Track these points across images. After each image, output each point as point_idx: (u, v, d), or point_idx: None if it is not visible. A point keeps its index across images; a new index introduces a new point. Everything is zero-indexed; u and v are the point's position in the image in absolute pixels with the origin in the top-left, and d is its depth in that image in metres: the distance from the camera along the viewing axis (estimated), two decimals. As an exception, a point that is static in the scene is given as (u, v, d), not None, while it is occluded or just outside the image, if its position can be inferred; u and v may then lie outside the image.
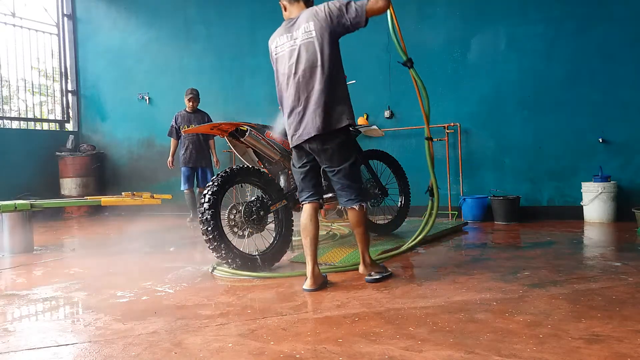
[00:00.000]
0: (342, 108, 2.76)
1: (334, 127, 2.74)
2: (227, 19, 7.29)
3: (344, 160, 2.81)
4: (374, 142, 6.12)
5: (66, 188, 7.62)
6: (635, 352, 1.78)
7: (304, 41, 2.77)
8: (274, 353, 1.90)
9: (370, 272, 2.96)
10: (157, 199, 4.95)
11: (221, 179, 3.26)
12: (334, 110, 2.74)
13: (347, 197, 2.86)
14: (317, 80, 2.74)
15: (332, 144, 2.77)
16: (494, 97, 5.84)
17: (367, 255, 2.97)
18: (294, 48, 2.81)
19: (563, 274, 3.00)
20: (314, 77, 2.75)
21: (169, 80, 7.72)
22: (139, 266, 3.77)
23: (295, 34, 2.82)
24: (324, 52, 2.73)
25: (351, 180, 2.83)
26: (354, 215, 2.87)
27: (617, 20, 5.35)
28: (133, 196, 4.99)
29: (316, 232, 2.91)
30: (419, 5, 6.17)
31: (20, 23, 7.70)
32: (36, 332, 2.27)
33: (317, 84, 2.74)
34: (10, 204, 4.31)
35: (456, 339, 1.96)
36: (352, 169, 2.83)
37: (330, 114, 2.73)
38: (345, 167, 2.80)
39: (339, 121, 2.75)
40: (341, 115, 2.75)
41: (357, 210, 2.85)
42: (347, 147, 2.83)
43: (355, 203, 2.84)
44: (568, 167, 5.56)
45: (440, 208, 5.88)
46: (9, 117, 7.80)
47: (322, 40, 2.73)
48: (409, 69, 3.01)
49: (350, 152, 2.84)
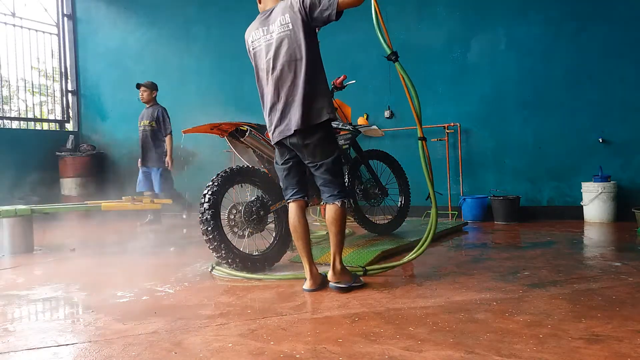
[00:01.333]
0: (322, 102, 2.69)
1: (314, 122, 2.68)
2: (227, 19, 7.28)
3: (326, 155, 2.73)
4: (374, 142, 6.12)
5: (66, 188, 7.62)
6: (635, 352, 1.78)
7: (281, 34, 2.69)
8: (274, 353, 1.89)
9: (338, 280, 2.79)
10: (157, 204, 4.95)
11: (221, 179, 3.26)
12: (313, 105, 2.67)
13: (329, 192, 2.77)
14: (296, 74, 2.67)
15: (313, 139, 2.70)
16: (494, 97, 5.84)
17: (338, 260, 2.79)
18: (271, 42, 2.74)
19: (563, 274, 3.00)
20: (293, 72, 2.67)
21: (169, 80, 7.70)
22: (138, 266, 3.77)
23: (271, 27, 2.75)
24: (302, 45, 2.65)
25: (333, 176, 2.75)
26: (333, 211, 2.75)
27: (617, 20, 5.35)
28: (133, 200, 5.00)
29: (306, 232, 2.84)
30: (419, 5, 6.17)
31: (20, 23, 7.70)
32: (36, 332, 2.27)
33: (295, 78, 2.67)
34: (11, 209, 4.31)
35: (456, 339, 1.96)
36: (334, 164, 2.75)
37: (310, 109, 2.67)
38: (327, 162, 2.73)
39: (319, 116, 2.68)
40: (321, 109, 2.68)
41: (338, 206, 2.75)
42: (329, 142, 2.77)
43: (337, 199, 2.75)
44: (568, 167, 5.57)
45: (440, 208, 5.91)
46: (9, 117, 7.80)
47: (299, 33, 2.64)
48: (394, 62, 2.85)
49: (332, 147, 2.77)
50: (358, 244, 3.93)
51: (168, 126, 6.01)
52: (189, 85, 7.53)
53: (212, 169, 3.48)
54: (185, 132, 3.65)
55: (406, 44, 6.20)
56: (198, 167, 7.45)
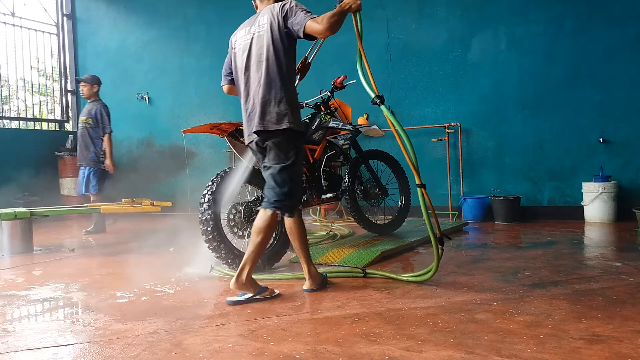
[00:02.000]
0: (284, 108, 2.60)
1: (269, 127, 2.60)
2: (227, 18, 7.28)
3: (278, 160, 2.64)
4: (374, 142, 6.12)
5: (65, 188, 7.61)
6: (636, 353, 1.78)
7: (256, 34, 2.69)
8: (273, 353, 1.89)
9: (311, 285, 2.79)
10: (157, 207, 4.94)
11: (221, 179, 3.26)
12: (273, 109, 2.61)
13: (267, 198, 2.67)
14: (261, 74, 2.63)
15: (269, 142, 2.65)
16: (494, 97, 5.84)
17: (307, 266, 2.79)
18: (247, 42, 2.72)
19: (563, 274, 2.99)
20: (259, 72, 2.64)
21: (168, 80, 7.72)
22: (138, 266, 3.76)
23: (252, 28, 2.74)
24: (270, 47, 2.61)
25: (275, 183, 2.64)
26: (263, 219, 2.64)
27: (617, 20, 5.35)
28: (133, 203, 4.99)
29: (302, 232, 2.78)
30: (419, 5, 6.17)
31: (19, 23, 7.69)
32: (36, 332, 2.26)
33: (260, 78, 2.64)
34: (10, 212, 4.30)
35: (456, 339, 1.96)
36: (281, 171, 2.63)
37: (269, 113, 2.61)
38: (274, 167, 2.64)
39: (278, 122, 2.60)
40: (281, 116, 2.60)
41: (268, 215, 2.63)
42: (286, 149, 2.64)
43: (269, 207, 2.64)
44: (568, 167, 5.56)
45: (440, 208, 5.93)
46: (8, 117, 7.79)
47: (271, 35, 2.62)
48: (379, 106, 2.74)
49: (287, 155, 2.64)
50: (358, 244, 3.92)
51: (107, 125, 5.59)
52: (189, 85, 7.53)
53: (212, 169, 3.48)
54: (185, 132, 3.65)
55: (406, 44, 6.21)
56: (198, 167, 7.46)
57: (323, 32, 2.46)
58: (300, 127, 2.68)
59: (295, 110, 2.67)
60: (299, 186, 2.87)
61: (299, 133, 2.69)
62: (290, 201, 2.66)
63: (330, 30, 2.45)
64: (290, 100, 2.65)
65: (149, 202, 5.06)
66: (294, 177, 2.70)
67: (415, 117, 6.12)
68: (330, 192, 3.85)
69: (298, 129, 2.65)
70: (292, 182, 2.67)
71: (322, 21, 2.46)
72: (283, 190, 2.64)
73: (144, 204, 5.01)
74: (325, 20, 2.45)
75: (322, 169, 3.81)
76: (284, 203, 2.65)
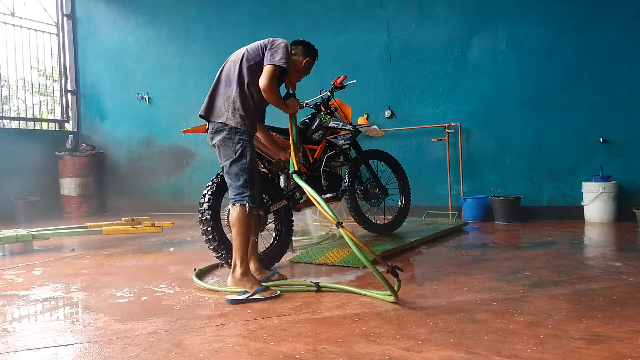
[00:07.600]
0: (227, 106, 2.83)
1: (209, 117, 2.89)
2: (227, 18, 7.28)
3: (226, 157, 2.84)
4: (374, 142, 6.12)
5: (65, 188, 7.62)
6: (636, 353, 1.78)
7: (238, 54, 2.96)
8: (273, 353, 1.89)
9: (236, 286, 2.72)
10: (158, 227, 4.96)
11: (220, 179, 3.25)
12: (219, 102, 2.86)
13: (230, 195, 2.86)
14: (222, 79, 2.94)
15: (216, 140, 2.86)
16: (495, 97, 5.83)
17: (238, 264, 2.74)
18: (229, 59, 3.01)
19: (564, 274, 2.99)
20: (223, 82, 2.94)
21: (168, 80, 7.72)
22: (138, 267, 3.77)
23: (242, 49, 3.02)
24: (236, 68, 2.88)
25: (230, 179, 2.84)
26: (230, 214, 2.80)
27: (617, 20, 5.34)
28: (133, 222, 5.01)
29: (243, 225, 2.77)
30: (419, 5, 6.16)
31: (19, 23, 7.69)
32: (36, 332, 2.26)
33: (222, 80, 2.94)
34: (12, 235, 4.30)
35: (457, 340, 1.96)
36: (230, 167, 2.82)
37: (215, 104, 2.88)
38: (225, 165, 2.85)
39: (219, 115, 2.84)
40: (223, 110, 2.83)
41: (236, 209, 2.77)
42: (229, 146, 2.83)
43: (231, 202, 2.82)
44: (569, 167, 5.56)
45: (440, 208, 5.94)
46: (8, 117, 7.79)
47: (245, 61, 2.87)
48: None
49: (232, 150, 2.83)
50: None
51: None
52: (189, 85, 7.53)
53: (212, 169, 3.48)
54: (185, 132, 3.64)
55: (406, 44, 6.20)
56: (198, 167, 7.46)
57: (270, 95, 2.81)
58: (241, 126, 2.84)
59: (238, 117, 2.83)
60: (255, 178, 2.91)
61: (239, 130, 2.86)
62: (249, 191, 2.79)
63: (266, 90, 2.78)
64: (239, 107, 2.84)
65: (149, 222, 5.06)
66: (241, 171, 2.81)
67: (415, 117, 6.12)
68: (330, 192, 3.84)
69: (236, 126, 2.83)
70: (241, 176, 2.81)
71: (267, 79, 2.77)
72: (238, 184, 2.81)
73: (144, 224, 5.02)
74: (268, 82, 2.77)
75: (322, 169, 3.81)
76: (243, 197, 2.79)
